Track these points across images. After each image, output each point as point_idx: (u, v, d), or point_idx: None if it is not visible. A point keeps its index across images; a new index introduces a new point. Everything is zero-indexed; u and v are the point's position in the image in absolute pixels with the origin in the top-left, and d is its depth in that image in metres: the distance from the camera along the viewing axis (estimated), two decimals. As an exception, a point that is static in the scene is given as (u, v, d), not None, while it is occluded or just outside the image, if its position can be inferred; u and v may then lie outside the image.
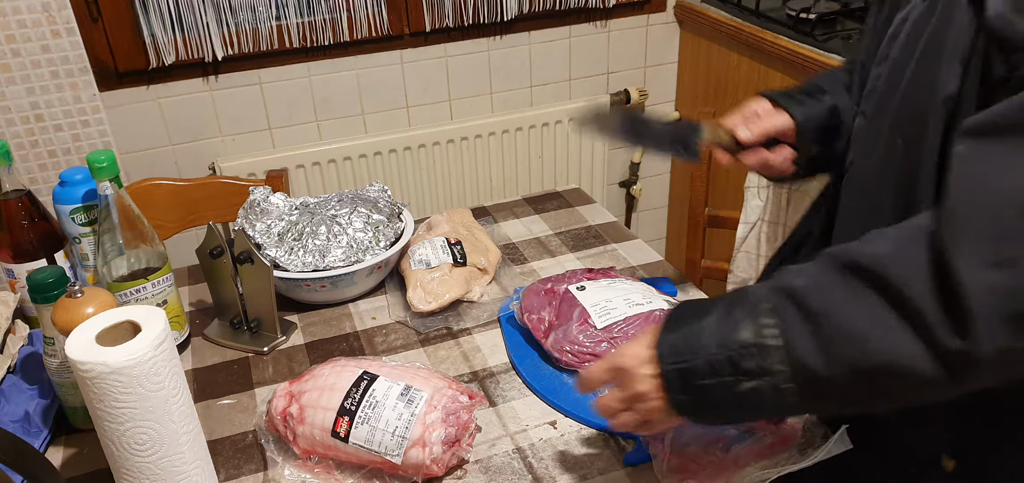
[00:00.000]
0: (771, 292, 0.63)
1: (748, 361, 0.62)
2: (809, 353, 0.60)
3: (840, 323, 0.59)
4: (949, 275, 0.54)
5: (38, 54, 1.64)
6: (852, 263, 0.60)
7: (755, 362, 0.61)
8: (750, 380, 0.62)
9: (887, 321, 0.57)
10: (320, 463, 0.82)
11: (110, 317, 0.71)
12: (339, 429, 0.79)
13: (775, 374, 0.61)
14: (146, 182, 1.48)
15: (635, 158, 2.35)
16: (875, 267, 0.58)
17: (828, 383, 0.60)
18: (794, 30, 1.78)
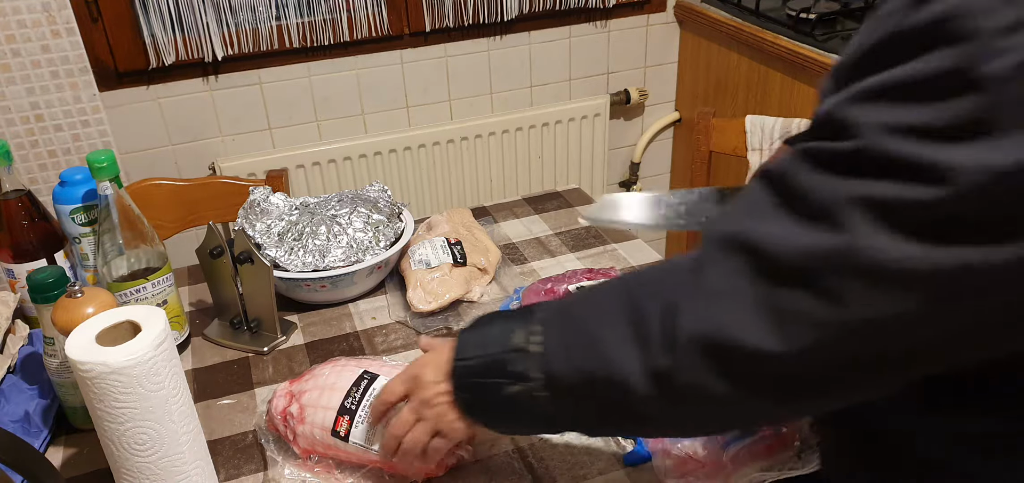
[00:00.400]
0: (553, 304, 0.64)
1: (514, 365, 0.62)
2: (558, 358, 0.60)
3: (586, 329, 0.59)
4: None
5: (38, 54, 1.64)
6: (625, 278, 0.61)
7: (519, 366, 0.62)
8: (514, 384, 0.62)
9: (622, 330, 0.56)
10: (320, 463, 0.82)
11: (110, 317, 0.71)
12: (339, 428, 0.79)
13: (532, 380, 0.61)
14: (146, 182, 1.48)
15: (635, 158, 2.35)
16: (631, 279, 0.59)
17: (570, 392, 0.60)
18: (794, 30, 1.78)
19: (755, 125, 1.52)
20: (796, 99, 1.78)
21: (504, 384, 0.63)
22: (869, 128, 0.46)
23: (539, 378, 0.61)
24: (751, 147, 1.53)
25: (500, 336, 0.64)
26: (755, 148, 1.53)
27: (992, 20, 0.40)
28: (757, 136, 1.52)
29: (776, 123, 1.49)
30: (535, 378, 0.61)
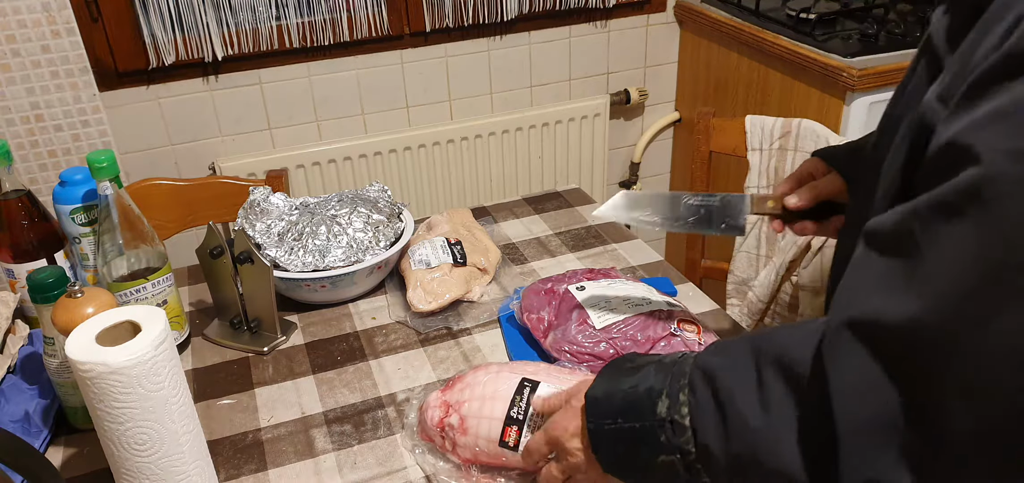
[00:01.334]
0: (694, 368, 0.61)
1: (662, 435, 0.61)
2: (710, 435, 0.58)
3: (742, 411, 0.56)
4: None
5: (38, 54, 1.64)
6: (769, 354, 0.57)
7: (666, 437, 0.60)
8: (665, 454, 0.61)
9: (786, 423, 0.53)
10: (485, 472, 0.81)
11: (110, 317, 0.71)
12: (508, 439, 0.78)
13: (686, 453, 0.60)
14: (146, 182, 1.48)
15: (635, 158, 2.35)
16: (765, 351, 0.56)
17: (725, 468, 0.58)
18: (794, 30, 1.78)
19: (755, 125, 1.52)
20: (796, 99, 1.79)
21: (655, 455, 0.61)
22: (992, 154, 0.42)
23: (691, 451, 0.59)
24: (751, 147, 1.53)
25: (642, 399, 0.62)
26: (755, 148, 1.53)
27: None
28: (757, 136, 1.52)
29: (776, 123, 1.49)
30: (688, 450, 0.59)
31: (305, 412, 0.92)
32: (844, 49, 1.65)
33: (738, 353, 0.59)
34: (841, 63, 1.62)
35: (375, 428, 0.88)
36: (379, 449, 0.85)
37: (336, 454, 0.85)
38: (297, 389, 0.96)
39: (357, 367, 0.99)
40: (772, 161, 1.51)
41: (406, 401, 0.93)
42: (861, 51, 1.64)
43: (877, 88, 1.61)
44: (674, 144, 2.40)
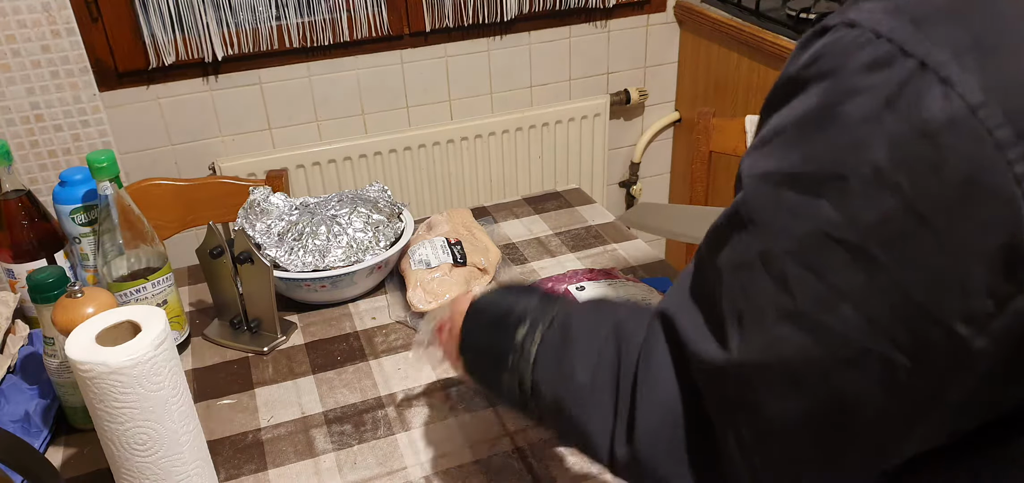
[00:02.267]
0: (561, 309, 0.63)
1: (510, 357, 0.62)
2: (543, 373, 0.60)
3: (572, 366, 0.58)
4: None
5: (38, 54, 1.64)
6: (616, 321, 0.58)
7: (512, 359, 0.62)
8: (507, 374, 0.63)
9: (602, 387, 0.55)
10: None
11: (110, 317, 0.71)
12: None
13: (523, 380, 0.61)
14: (146, 182, 1.48)
15: (635, 158, 2.35)
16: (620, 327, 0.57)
17: (547, 410, 0.60)
18: (794, 30, 1.78)
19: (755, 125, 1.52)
20: (796, 99, 1.78)
21: (500, 370, 0.63)
22: (748, 181, 0.44)
23: (527, 381, 0.61)
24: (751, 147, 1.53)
25: (507, 321, 0.64)
26: (755, 148, 1.53)
27: (855, 59, 0.38)
28: (757, 136, 1.52)
29: (776, 123, 1.49)
30: (524, 378, 0.61)
31: (305, 412, 0.92)
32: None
33: (602, 312, 0.60)
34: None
35: (375, 428, 0.88)
36: (379, 449, 0.85)
37: (336, 454, 0.85)
38: (297, 389, 0.96)
39: (357, 367, 0.99)
40: (772, 161, 1.51)
41: (406, 401, 0.93)
42: (861, 51, 1.63)
43: (877, 88, 1.61)
44: (674, 144, 2.40)
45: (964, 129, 0.35)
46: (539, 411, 0.62)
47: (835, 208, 0.39)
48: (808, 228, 0.40)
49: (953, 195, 0.36)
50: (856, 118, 0.38)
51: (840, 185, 0.39)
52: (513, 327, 0.63)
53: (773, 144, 0.43)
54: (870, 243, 0.38)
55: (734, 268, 0.45)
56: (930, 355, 0.39)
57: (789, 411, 0.43)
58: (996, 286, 0.36)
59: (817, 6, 1.83)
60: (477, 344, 0.67)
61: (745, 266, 0.44)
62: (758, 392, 0.44)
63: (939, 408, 0.41)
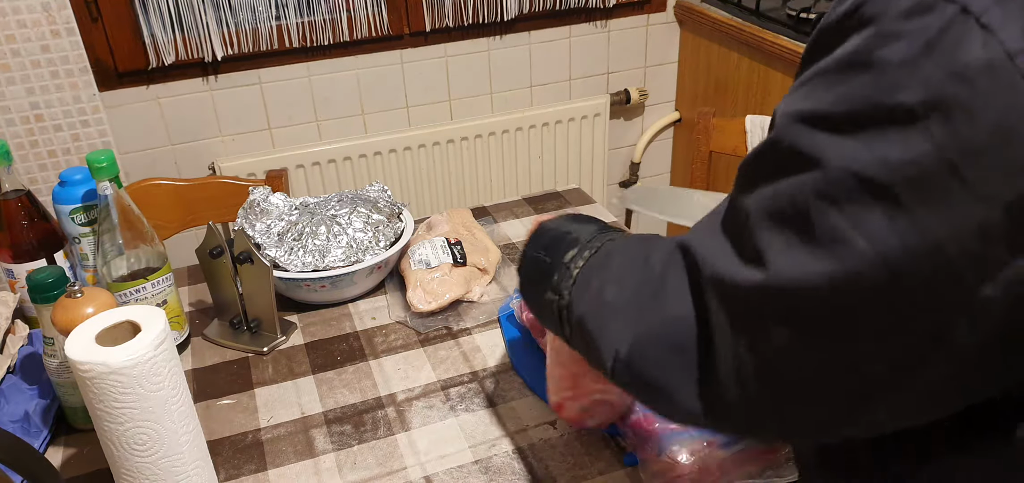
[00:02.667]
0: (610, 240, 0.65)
1: (554, 275, 0.65)
2: (578, 291, 0.62)
3: (604, 286, 0.60)
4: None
5: (38, 54, 1.64)
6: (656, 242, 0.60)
7: (557, 277, 0.65)
8: (550, 292, 0.65)
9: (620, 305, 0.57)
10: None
11: (110, 317, 0.71)
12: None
13: (561, 296, 0.64)
14: (146, 182, 1.48)
15: (635, 158, 2.35)
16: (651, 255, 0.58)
17: (573, 325, 0.63)
18: (794, 30, 1.78)
19: (755, 125, 1.53)
20: (796, 99, 1.78)
21: (545, 287, 0.66)
22: (781, 119, 0.45)
23: (564, 297, 0.64)
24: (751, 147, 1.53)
25: (563, 242, 0.67)
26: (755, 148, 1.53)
27: (896, 5, 0.39)
28: (757, 136, 1.52)
29: (776, 123, 1.49)
30: (563, 296, 0.64)
31: (305, 412, 0.92)
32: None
33: (645, 243, 0.62)
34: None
35: (375, 428, 0.88)
36: (379, 449, 0.85)
37: (336, 454, 0.85)
38: (297, 389, 0.96)
39: (357, 367, 0.99)
40: (772, 161, 1.51)
41: (406, 401, 0.93)
42: (861, 51, 1.63)
43: (877, 88, 1.61)
44: (674, 144, 2.40)
45: (1001, 75, 0.36)
46: (569, 329, 0.64)
47: (866, 148, 0.40)
48: (836, 166, 0.41)
49: (984, 140, 0.36)
50: (894, 62, 0.39)
51: (872, 126, 0.39)
52: (565, 250, 0.66)
53: (809, 86, 0.44)
54: (897, 183, 0.39)
55: (762, 201, 0.46)
56: (938, 298, 0.39)
57: (794, 338, 0.44)
58: (1014, 235, 0.37)
59: (817, 6, 1.83)
60: (533, 260, 0.70)
61: (773, 199, 0.45)
62: (771, 317, 0.45)
63: (936, 361, 0.41)
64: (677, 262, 0.53)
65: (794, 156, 0.43)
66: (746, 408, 0.49)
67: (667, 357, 0.52)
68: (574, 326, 0.62)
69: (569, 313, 0.63)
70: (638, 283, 0.56)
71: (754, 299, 0.46)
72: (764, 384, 0.47)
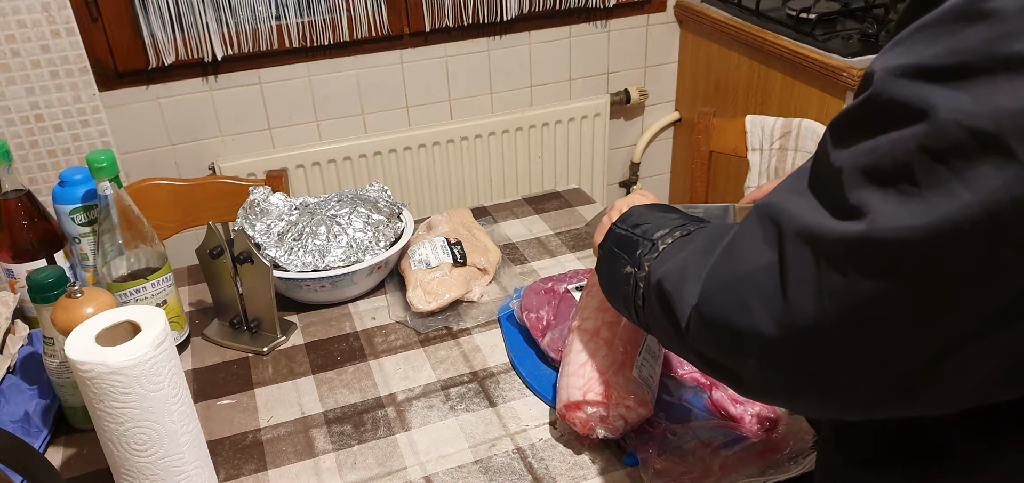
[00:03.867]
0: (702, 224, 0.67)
1: (640, 249, 0.67)
2: (659, 262, 0.64)
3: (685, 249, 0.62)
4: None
5: (38, 54, 1.64)
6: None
7: (641, 251, 0.67)
8: (630, 265, 0.68)
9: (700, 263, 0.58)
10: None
11: (110, 317, 0.71)
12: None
13: (642, 269, 0.66)
14: (146, 182, 1.48)
15: (635, 158, 2.35)
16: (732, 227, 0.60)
17: (648, 291, 0.64)
18: (794, 30, 1.78)
19: (755, 125, 1.52)
20: (796, 99, 1.78)
21: (627, 261, 0.68)
22: (881, 74, 0.45)
23: (644, 269, 0.65)
24: (751, 147, 1.53)
25: (652, 223, 0.69)
26: (755, 148, 1.53)
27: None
28: (757, 136, 1.52)
29: (776, 123, 1.49)
30: (643, 267, 0.66)
31: (305, 412, 0.92)
32: (844, 49, 1.65)
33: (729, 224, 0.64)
34: (841, 63, 1.62)
35: (375, 428, 0.88)
36: (379, 449, 0.85)
37: (336, 454, 0.85)
38: (297, 389, 0.96)
39: (357, 367, 0.99)
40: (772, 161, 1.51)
41: (406, 401, 0.93)
42: (861, 51, 1.64)
43: (877, 88, 1.61)
44: (674, 144, 2.40)
45: None
46: (643, 295, 0.65)
47: (974, 98, 0.40)
48: (944, 117, 0.41)
49: None
50: (1011, 11, 0.39)
51: (983, 75, 0.40)
52: (655, 230, 0.68)
53: (911, 40, 0.44)
54: (1007, 133, 0.39)
55: (859, 157, 0.45)
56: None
57: (885, 291, 0.44)
58: None
59: (817, 6, 1.83)
60: (620, 235, 0.72)
61: (870, 153, 0.45)
62: (864, 270, 0.45)
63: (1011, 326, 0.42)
64: (753, 222, 0.53)
65: (896, 109, 0.43)
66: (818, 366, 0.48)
67: (742, 303, 0.52)
68: (651, 291, 0.63)
69: (646, 282, 0.64)
70: (715, 243, 0.58)
71: (848, 252, 0.45)
72: (845, 337, 0.47)
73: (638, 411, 0.80)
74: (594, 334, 0.84)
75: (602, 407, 0.79)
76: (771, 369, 0.52)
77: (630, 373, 0.80)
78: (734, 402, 0.85)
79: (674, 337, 0.60)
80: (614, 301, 0.75)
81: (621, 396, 0.79)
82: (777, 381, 0.52)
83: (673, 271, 0.61)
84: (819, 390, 0.50)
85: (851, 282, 0.45)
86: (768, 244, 0.51)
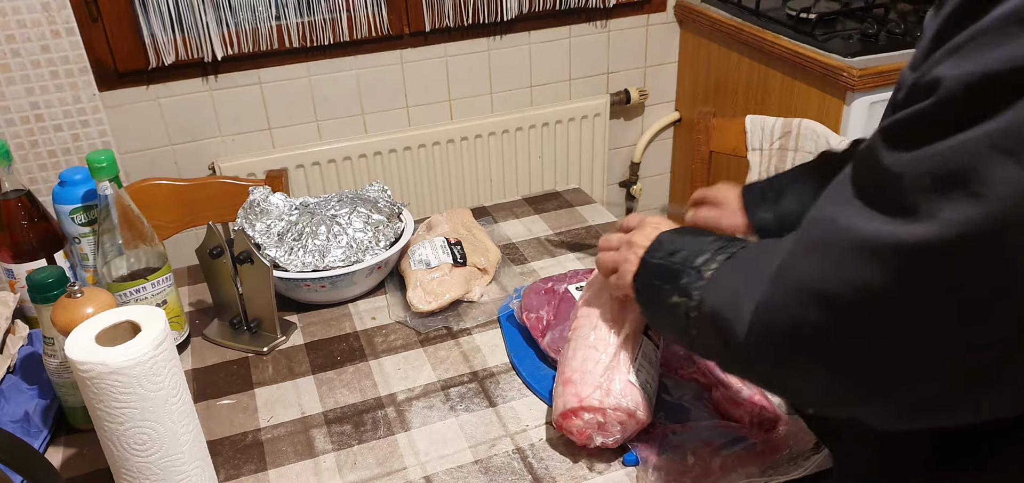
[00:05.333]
0: (746, 244, 0.67)
1: (685, 278, 0.67)
2: (710, 289, 0.64)
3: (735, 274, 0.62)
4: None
5: (38, 54, 1.64)
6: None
7: (686, 279, 0.66)
8: (677, 295, 0.67)
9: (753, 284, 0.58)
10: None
11: (110, 317, 0.71)
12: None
13: (691, 297, 0.65)
14: (146, 182, 1.47)
15: (635, 158, 2.35)
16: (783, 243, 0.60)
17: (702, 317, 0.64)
18: (794, 30, 1.78)
19: (755, 125, 1.52)
20: (796, 99, 1.78)
21: (671, 291, 0.68)
22: (948, 82, 0.45)
23: (694, 298, 0.65)
24: (751, 147, 1.53)
25: (689, 248, 0.69)
26: (755, 148, 1.53)
27: None
28: (757, 136, 1.52)
29: (776, 123, 1.49)
30: (693, 296, 0.65)
31: (305, 412, 0.92)
32: (844, 49, 1.65)
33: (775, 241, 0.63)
34: (841, 63, 1.62)
35: (375, 428, 0.88)
36: (379, 449, 0.85)
37: (336, 454, 0.85)
38: (297, 389, 0.96)
39: (357, 367, 0.99)
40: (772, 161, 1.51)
41: (406, 401, 0.93)
42: (861, 51, 1.64)
43: (877, 88, 1.61)
44: (674, 144, 2.40)
45: None
46: (697, 324, 0.65)
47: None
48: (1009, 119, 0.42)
49: None
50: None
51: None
52: (694, 255, 0.68)
53: (970, 47, 0.45)
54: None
55: (922, 161, 0.46)
56: None
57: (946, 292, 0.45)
58: None
59: (817, 6, 1.83)
60: (656, 266, 0.72)
61: (934, 157, 0.45)
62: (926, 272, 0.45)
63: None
64: (808, 236, 0.54)
65: (962, 113, 0.44)
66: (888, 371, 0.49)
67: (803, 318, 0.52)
68: (704, 320, 0.63)
69: (698, 311, 0.64)
70: (766, 261, 0.57)
71: (915, 255, 0.46)
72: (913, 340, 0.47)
73: (636, 418, 0.79)
74: (590, 342, 0.83)
75: (599, 413, 0.79)
76: (838, 378, 0.52)
77: (627, 380, 0.80)
78: (734, 403, 0.85)
79: (735, 360, 0.61)
80: (664, 332, 0.76)
81: (618, 404, 0.78)
82: (845, 391, 0.53)
83: (727, 296, 0.61)
84: (884, 395, 0.51)
85: (918, 284, 0.46)
86: (824, 256, 0.51)
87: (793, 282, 0.53)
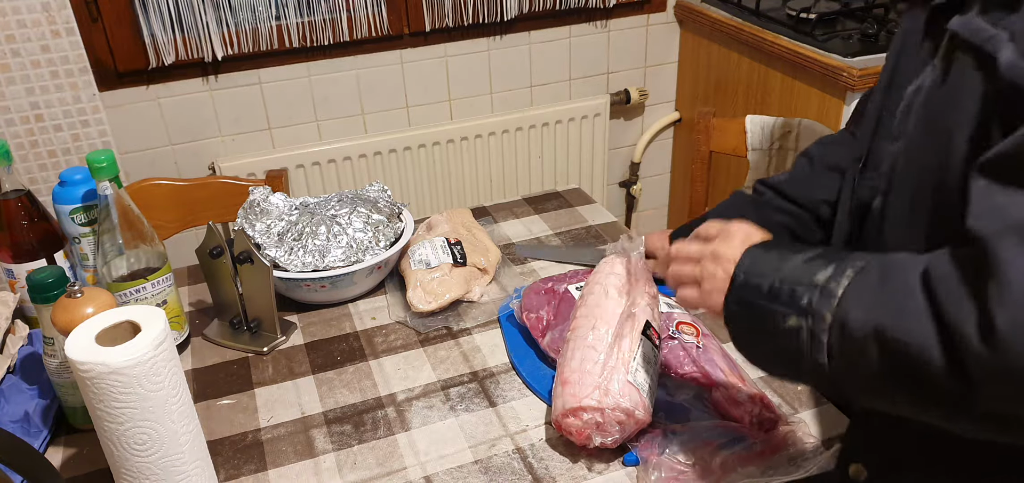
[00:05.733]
0: (873, 258, 0.62)
1: (805, 297, 0.61)
2: (856, 303, 0.58)
3: (897, 287, 0.57)
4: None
5: (38, 54, 1.64)
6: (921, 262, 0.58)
7: (809, 299, 0.61)
8: (797, 317, 0.61)
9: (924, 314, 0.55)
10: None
11: (110, 317, 0.71)
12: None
13: (820, 319, 0.60)
14: (146, 182, 1.48)
15: (635, 158, 2.35)
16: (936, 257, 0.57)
17: (850, 341, 0.58)
18: (794, 30, 1.78)
19: (755, 125, 1.53)
20: (796, 99, 1.78)
21: (787, 313, 0.62)
22: None
23: (825, 318, 0.59)
24: (751, 147, 1.53)
25: (800, 269, 0.63)
26: (755, 148, 1.53)
27: None
28: (757, 136, 1.52)
29: (776, 123, 1.49)
30: (821, 316, 0.60)
31: (305, 412, 0.92)
32: (844, 49, 1.65)
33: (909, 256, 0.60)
34: (841, 63, 1.62)
35: (375, 428, 0.88)
36: (379, 449, 0.85)
37: (336, 454, 0.85)
38: (297, 389, 0.96)
39: (357, 367, 0.99)
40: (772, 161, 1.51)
41: (406, 401, 0.93)
42: (861, 51, 1.64)
43: (877, 88, 1.61)
44: (674, 144, 2.40)
45: None
46: (838, 348, 0.59)
47: None
48: None
49: None
50: None
51: None
52: (809, 275, 0.62)
53: None
54: None
55: None
56: None
57: None
58: None
59: (817, 6, 1.83)
60: (756, 287, 0.65)
61: None
62: None
63: None
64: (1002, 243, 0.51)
65: None
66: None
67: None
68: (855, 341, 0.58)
69: (841, 331, 0.59)
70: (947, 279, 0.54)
71: None
72: None
73: (634, 418, 0.79)
74: (588, 342, 0.83)
75: (597, 413, 0.79)
76: None
77: (626, 380, 0.80)
78: (734, 403, 0.85)
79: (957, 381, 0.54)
80: (764, 361, 0.69)
81: (617, 403, 0.78)
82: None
83: (902, 315, 0.55)
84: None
85: None
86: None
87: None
